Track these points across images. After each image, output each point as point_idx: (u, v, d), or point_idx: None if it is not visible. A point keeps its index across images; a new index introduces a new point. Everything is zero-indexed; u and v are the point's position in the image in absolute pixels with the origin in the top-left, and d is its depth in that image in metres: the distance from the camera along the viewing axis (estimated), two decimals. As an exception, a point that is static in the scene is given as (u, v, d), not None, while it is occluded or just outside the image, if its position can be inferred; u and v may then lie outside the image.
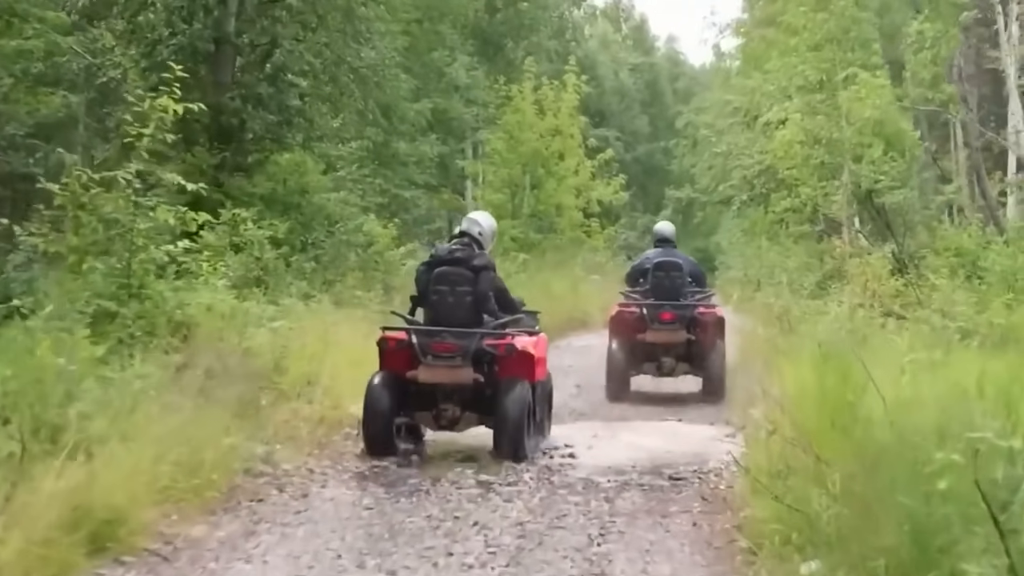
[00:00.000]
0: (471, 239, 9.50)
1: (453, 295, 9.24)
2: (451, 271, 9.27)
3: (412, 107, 25.87)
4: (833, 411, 6.85)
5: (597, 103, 48.26)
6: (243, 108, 17.37)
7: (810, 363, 10.77)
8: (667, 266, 13.12)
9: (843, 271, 18.03)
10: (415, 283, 9.61)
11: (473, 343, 9.02)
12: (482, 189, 29.18)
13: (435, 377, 9.07)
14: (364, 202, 22.84)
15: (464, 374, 9.04)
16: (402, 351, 9.16)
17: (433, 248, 10.21)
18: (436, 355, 9.06)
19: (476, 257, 9.33)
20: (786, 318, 15.27)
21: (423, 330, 9.21)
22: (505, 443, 8.89)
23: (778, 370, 12.39)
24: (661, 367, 13.06)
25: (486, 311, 9.31)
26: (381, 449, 8.95)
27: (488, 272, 9.32)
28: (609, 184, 30.39)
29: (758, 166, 22.62)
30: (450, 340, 9.05)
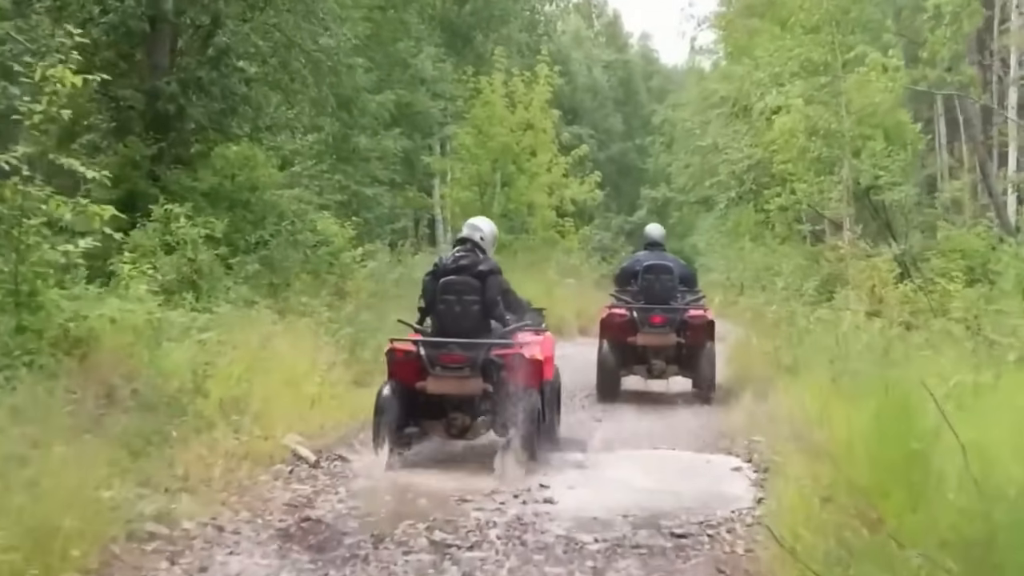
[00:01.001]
0: (473, 245, 9.45)
1: (460, 304, 9.17)
2: (457, 280, 9.20)
3: (374, 99, 24.17)
4: (897, 465, 5.21)
5: (570, 100, 46.70)
6: (182, 94, 15.62)
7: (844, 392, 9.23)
8: (657, 269, 13.10)
9: (844, 275, 16.47)
10: (421, 293, 9.50)
11: (481, 354, 8.98)
12: (450, 187, 27.45)
13: (444, 388, 9.05)
14: (322, 199, 21.38)
15: (473, 385, 9.02)
16: (410, 362, 9.10)
17: (437, 258, 9.99)
18: (444, 367, 9.03)
19: (481, 263, 9.28)
20: (788, 328, 13.67)
21: (431, 342, 9.13)
22: (514, 451, 8.67)
23: (787, 391, 10.84)
24: (651, 369, 13.04)
25: (494, 318, 9.28)
26: (392, 461, 8.77)
27: (495, 277, 9.28)
28: (584, 182, 28.74)
29: (747, 160, 21.06)
30: (458, 352, 9.02)
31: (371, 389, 11.06)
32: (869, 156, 17.19)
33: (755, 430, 9.99)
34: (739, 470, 8.63)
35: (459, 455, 9.39)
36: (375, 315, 13.97)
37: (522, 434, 8.70)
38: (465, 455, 9.35)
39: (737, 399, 12.05)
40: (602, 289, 33.71)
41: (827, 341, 11.50)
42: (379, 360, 11.92)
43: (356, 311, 13.70)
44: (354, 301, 14.42)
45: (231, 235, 15.29)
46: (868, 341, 11.12)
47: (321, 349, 11.40)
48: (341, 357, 11.65)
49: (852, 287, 14.37)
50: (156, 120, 15.59)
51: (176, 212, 13.16)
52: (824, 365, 10.67)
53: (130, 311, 8.91)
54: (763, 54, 19.27)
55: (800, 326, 13.02)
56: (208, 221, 13.19)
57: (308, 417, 9.60)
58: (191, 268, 12.62)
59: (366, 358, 12.30)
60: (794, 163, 17.57)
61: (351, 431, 9.78)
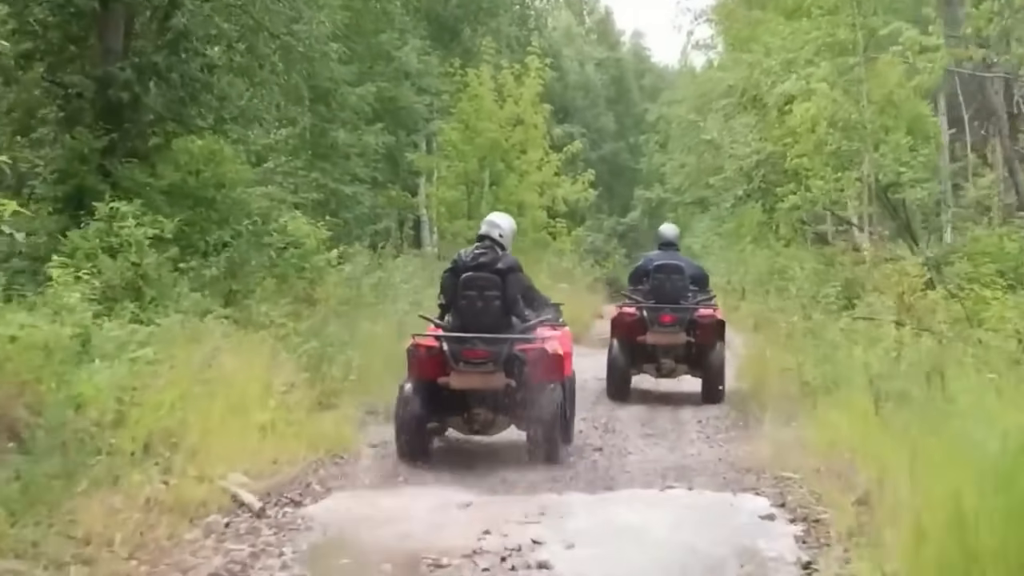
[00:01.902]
0: (492, 242, 9.46)
1: (482, 299, 9.22)
2: (478, 276, 9.25)
3: (353, 91, 22.70)
4: None
5: (561, 98, 45.16)
6: (136, 81, 14.11)
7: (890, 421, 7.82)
8: (668, 268, 13.16)
9: (866, 280, 15.02)
10: (441, 290, 9.66)
11: (504, 349, 9.05)
12: (435, 185, 25.93)
13: (467, 383, 9.10)
14: (297, 198, 20.01)
15: (496, 379, 9.06)
16: (433, 358, 9.16)
17: (457, 255, 9.78)
18: (468, 361, 9.08)
19: (501, 260, 9.34)
20: (812, 340, 12.21)
21: (454, 336, 9.17)
22: (539, 447, 8.99)
23: (817, 417, 9.39)
24: (660, 368, 13.18)
25: (515, 314, 9.32)
26: (414, 455, 9.04)
27: (516, 275, 9.38)
28: (576, 181, 27.27)
29: (756, 156, 19.57)
30: (481, 347, 9.07)
31: (337, 413, 9.66)
32: (892, 150, 15.72)
33: (783, 464, 8.54)
34: (771, 519, 7.15)
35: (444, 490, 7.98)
36: (346, 325, 12.50)
37: (545, 429, 8.93)
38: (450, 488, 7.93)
39: (757, 423, 10.61)
40: (596, 293, 32.39)
41: (861, 356, 10.04)
42: (348, 379, 10.53)
43: (324, 321, 12.19)
44: (323, 309, 12.91)
45: (192, 236, 13.88)
46: (910, 357, 9.67)
47: (279, 367, 9.90)
48: (302, 376, 10.14)
49: (878, 294, 12.89)
50: (108, 109, 14.05)
51: (123, 210, 11.68)
52: (860, 385, 9.23)
53: (35, 327, 7.38)
54: (774, 40, 17.78)
55: (828, 338, 11.51)
56: (156, 220, 11.67)
57: (257, 451, 8.11)
58: (135, 273, 11.14)
59: (334, 375, 10.80)
60: (810, 157, 16.07)
61: (308, 467, 8.32)
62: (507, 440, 9.97)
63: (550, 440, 8.97)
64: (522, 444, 9.41)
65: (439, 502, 7.66)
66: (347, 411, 10.03)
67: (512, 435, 9.71)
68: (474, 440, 9.82)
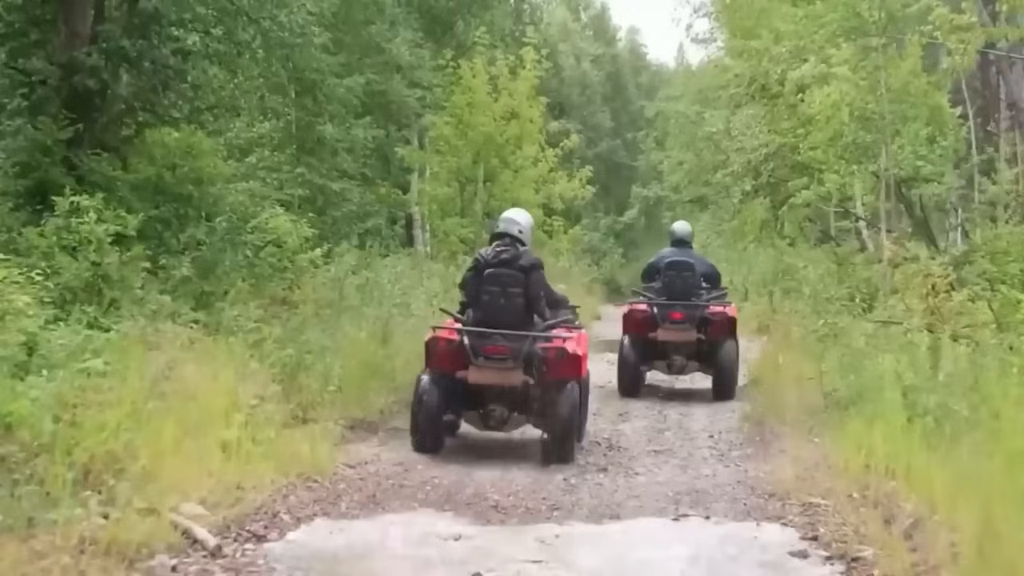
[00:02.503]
0: (512, 239, 9.47)
1: (505, 296, 9.24)
2: (501, 272, 9.29)
3: (341, 83, 21.73)
4: None
5: (557, 94, 44.17)
6: (104, 67, 13.18)
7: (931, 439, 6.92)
8: (679, 266, 13.23)
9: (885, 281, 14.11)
10: (462, 288, 9.73)
11: (525, 346, 9.08)
12: (427, 182, 24.93)
13: (485, 378, 9.11)
14: (282, 195, 19.15)
15: (515, 376, 9.08)
16: (453, 350, 9.17)
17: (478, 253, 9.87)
18: (487, 357, 9.10)
19: (523, 257, 9.36)
20: (835, 347, 11.28)
21: (475, 331, 9.17)
22: (554, 445, 8.99)
23: (844, 433, 8.47)
24: (672, 365, 13.24)
25: (537, 312, 9.37)
26: (430, 447, 9.12)
27: (538, 272, 9.42)
28: (573, 177, 26.30)
29: (765, 148, 18.59)
30: (502, 343, 9.10)
31: (314, 428, 8.73)
32: (910, 141, 14.75)
33: (811, 487, 7.62)
34: (803, 556, 6.22)
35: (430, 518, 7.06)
36: (327, 330, 11.55)
37: (561, 428, 8.96)
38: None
39: (775, 438, 9.69)
40: (593, 295, 31.45)
41: (890, 364, 9.11)
42: (327, 390, 9.62)
43: (302, 326, 11.23)
44: (302, 313, 11.95)
45: (164, 234, 12.97)
46: (946, 365, 8.74)
47: (249, 377, 8.95)
48: (275, 388, 9.19)
49: (897, 295, 11.96)
50: (74, 98, 13.16)
51: (85, 205, 10.75)
52: (892, 398, 8.30)
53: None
54: (786, 25, 16.78)
55: (851, 345, 10.54)
56: (119, 216, 10.73)
57: (218, 475, 7.15)
58: (94, 273, 10.20)
59: (311, 386, 9.84)
60: (824, 149, 15.09)
61: (277, 493, 7.33)
62: (501, 457, 9.08)
63: (566, 439, 9.01)
64: (517, 463, 8.55)
65: (424, 533, 6.73)
66: (325, 426, 9.05)
67: (506, 450, 8.80)
68: (466, 455, 8.93)
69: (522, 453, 9.31)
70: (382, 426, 10.17)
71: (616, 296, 36.82)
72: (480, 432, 9.75)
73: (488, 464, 8.86)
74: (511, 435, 9.79)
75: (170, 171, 14.09)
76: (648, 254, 49.18)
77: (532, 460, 9.03)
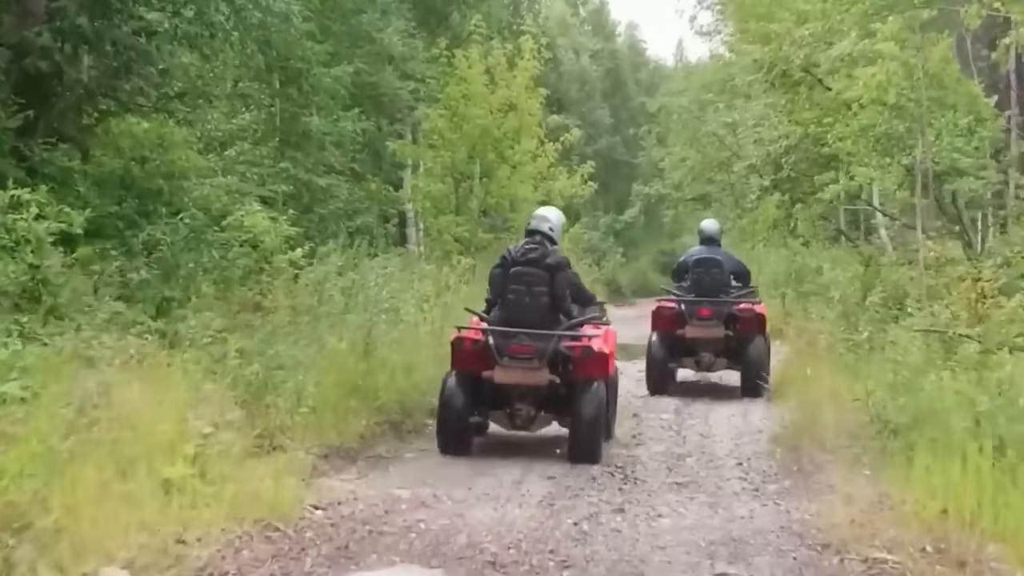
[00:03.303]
0: (543, 236, 9.49)
1: (530, 295, 9.21)
2: (527, 271, 9.26)
3: (327, 73, 20.44)
4: None
5: (556, 89, 42.84)
6: (59, 48, 11.90)
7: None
8: (707, 263, 13.31)
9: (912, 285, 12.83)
10: (489, 285, 9.65)
11: (551, 345, 9.03)
12: (419, 178, 23.56)
13: (511, 378, 9.08)
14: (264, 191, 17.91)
15: (540, 376, 9.04)
16: (478, 351, 9.16)
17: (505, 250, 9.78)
18: (513, 356, 9.06)
19: (550, 255, 9.33)
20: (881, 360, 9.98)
21: (500, 331, 9.13)
22: (580, 444, 8.98)
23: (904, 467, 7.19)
24: (700, 362, 13.31)
25: (563, 311, 9.33)
26: (456, 448, 9.10)
27: (564, 272, 9.35)
28: (574, 173, 24.95)
29: (785, 140, 17.23)
30: (527, 342, 9.05)
31: (281, 460, 7.45)
32: (949, 132, 13.42)
33: (872, 536, 6.32)
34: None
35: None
36: (302, 341, 10.21)
37: (588, 427, 8.94)
38: None
39: (816, 468, 8.40)
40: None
41: (952, 383, 7.83)
42: (299, 411, 8.33)
43: (272, 336, 9.90)
44: (274, 321, 10.62)
45: (125, 233, 11.70)
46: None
47: (206, 400, 7.65)
48: (235, 412, 7.86)
49: (945, 301, 10.66)
50: (25, 82, 11.86)
51: (26, 199, 9.44)
52: (960, 426, 7.03)
53: None
54: (809, 5, 15.39)
55: (898, 358, 9.18)
56: (63, 212, 9.42)
57: (154, 527, 5.85)
58: (32, 277, 8.90)
59: (280, 407, 8.50)
60: (855, 140, 13.74)
61: (228, 547, 6.00)
62: (498, 493, 7.81)
63: (592, 439, 8.98)
64: (518, 501, 7.28)
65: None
66: (294, 456, 7.74)
67: (505, 484, 7.52)
68: (459, 487, 7.66)
69: (522, 489, 8.03)
70: (362, 454, 8.85)
71: (617, 297, 35.54)
72: (472, 464, 8.55)
73: (484, 502, 7.56)
74: (508, 467, 8.57)
75: (139, 164, 12.94)
76: (648, 253, 48.12)
77: (534, 498, 7.73)
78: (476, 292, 16.51)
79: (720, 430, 10.71)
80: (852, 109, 13.87)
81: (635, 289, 40.80)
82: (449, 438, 9.15)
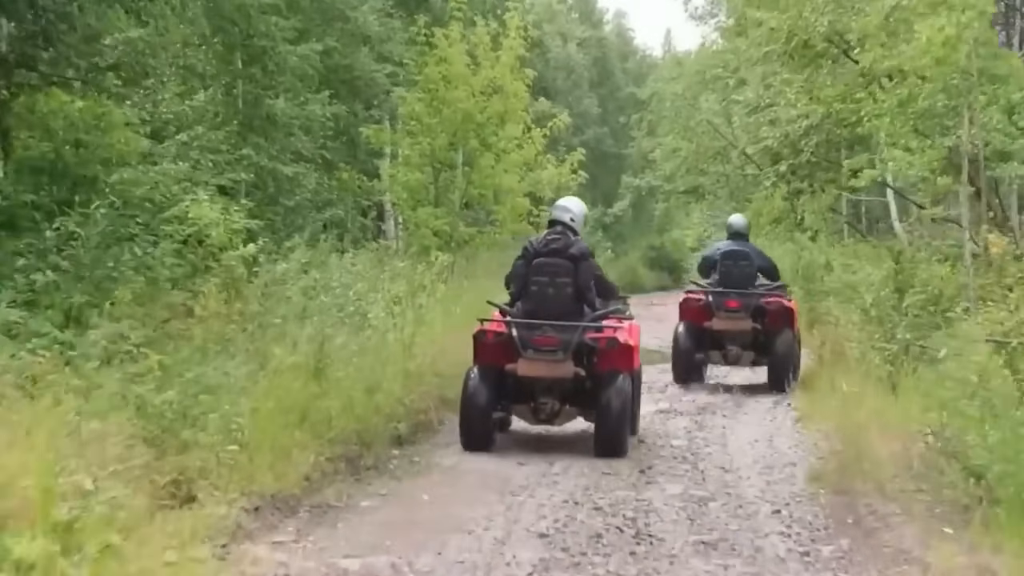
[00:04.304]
0: (564, 227, 9.38)
1: (553, 286, 9.12)
2: (550, 262, 9.17)
3: (294, 50, 18.68)
4: None
5: (542, 77, 41.08)
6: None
7: None
8: (735, 255, 13.27)
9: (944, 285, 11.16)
10: (512, 277, 9.49)
11: (575, 337, 8.91)
12: (396, 167, 21.68)
13: (535, 371, 8.96)
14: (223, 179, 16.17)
15: (565, 368, 8.92)
16: (501, 343, 9.06)
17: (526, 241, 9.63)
18: (537, 349, 8.95)
19: (573, 245, 9.22)
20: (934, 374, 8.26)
21: (524, 323, 9.03)
22: (606, 438, 8.90)
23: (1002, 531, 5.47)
24: (727, 355, 13.17)
25: (587, 302, 9.22)
26: (479, 444, 9.00)
27: (588, 262, 9.27)
28: (563, 162, 23.15)
29: (805, 120, 15.43)
30: (551, 333, 8.95)
31: (193, 517, 5.69)
32: (1002, 109, 11.62)
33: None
34: None
35: None
36: (240, 355, 8.42)
37: (614, 421, 8.84)
38: None
39: (883, 525, 6.64)
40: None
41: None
42: (225, 449, 6.58)
43: (200, 352, 8.10)
44: (207, 332, 8.82)
45: (41, 225, 9.99)
46: None
47: (98, 439, 5.88)
48: (140, 453, 6.09)
49: (1012, 304, 8.96)
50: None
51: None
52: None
53: None
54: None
55: (996, 387, 7.38)
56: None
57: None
58: None
59: (202, 444, 6.70)
60: (893, 117, 11.91)
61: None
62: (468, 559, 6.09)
63: (618, 433, 8.90)
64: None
65: None
66: (212, 512, 5.99)
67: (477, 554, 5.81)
68: (416, 568, 5.90)
69: (506, 553, 6.27)
70: (305, 502, 6.98)
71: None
72: (445, 512, 6.79)
73: (457, 574, 5.81)
74: (489, 518, 6.83)
75: (73, 148, 11.29)
76: (637, 248, 46.21)
77: (522, 568, 5.97)
78: (455, 292, 14.80)
79: (744, 461, 8.96)
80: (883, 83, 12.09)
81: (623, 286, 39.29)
82: (472, 435, 9.01)
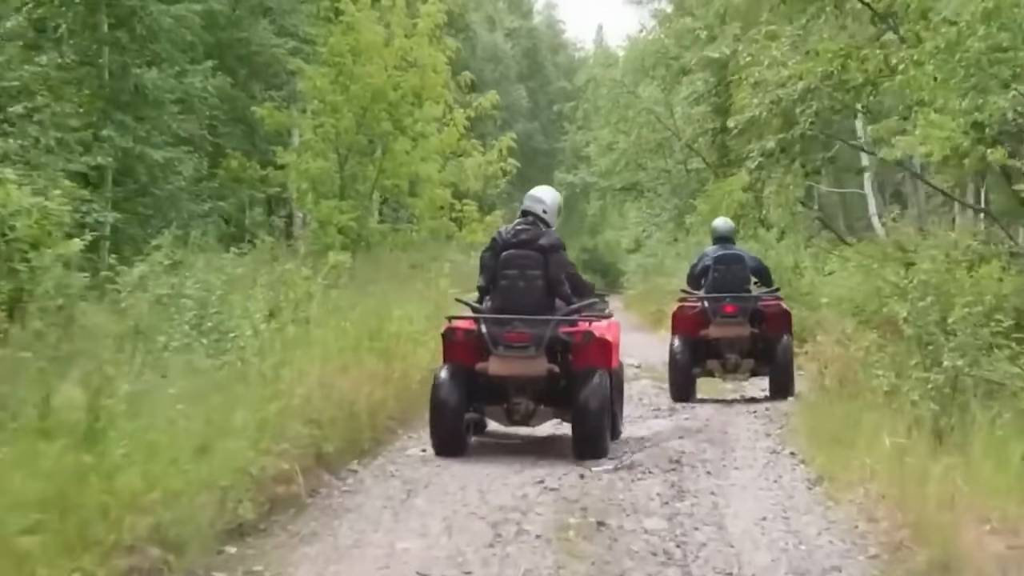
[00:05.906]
0: (535, 218, 8.98)
1: (524, 279, 8.78)
2: (519, 254, 8.82)
3: (168, 11, 15.69)
4: None
5: (468, 67, 38.39)
6: None
7: None
8: (728, 259, 12.86)
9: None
10: (480, 270, 9.12)
11: (547, 331, 8.60)
12: (296, 153, 18.63)
13: (507, 369, 8.65)
14: (79, 164, 13.48)
15: (538, 365, 8.63)
16: (470, 341, 8.75)
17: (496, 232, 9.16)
18: (508, 345, 8.62)
19: (543, 236, 8.86)
20: None
21: (493, 318, 8.70)
22: (584, 439, 8.62)
23: None
24: (726, 364, 12.76)
25: (559, 295, 8.90)
26: (451, 449, 8.64)
27: (559, 255, 8.94)
28: (491, 149, 20.33)
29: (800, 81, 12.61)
30: (522, 329, 8.63)
31: None
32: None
33: None
34: None
35: None
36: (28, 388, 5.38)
37: (592, 420, 8.54)
38: None
39: None
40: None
41: None
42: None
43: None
44: None
45: None
46: None
47: None
48: None
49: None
50: None
51: None
52: None
53: None
54: None
55: None
56: None
57: None
58: None
59: None
60: (938, 65, 9.00)
61: None
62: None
63: (598, 433, 8.55)
64: None
65: None
66: None
67: None
68: None
69: None
70: None
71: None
72: None
73: None
74: None
75: None
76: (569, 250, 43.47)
77: None
78: (351, 301, 11.81)
79: (758, 560, 5.93)
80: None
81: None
82: (443, 440, 8.57)
